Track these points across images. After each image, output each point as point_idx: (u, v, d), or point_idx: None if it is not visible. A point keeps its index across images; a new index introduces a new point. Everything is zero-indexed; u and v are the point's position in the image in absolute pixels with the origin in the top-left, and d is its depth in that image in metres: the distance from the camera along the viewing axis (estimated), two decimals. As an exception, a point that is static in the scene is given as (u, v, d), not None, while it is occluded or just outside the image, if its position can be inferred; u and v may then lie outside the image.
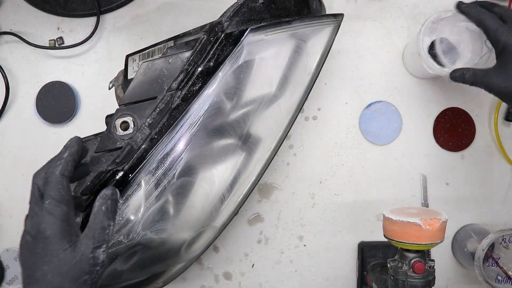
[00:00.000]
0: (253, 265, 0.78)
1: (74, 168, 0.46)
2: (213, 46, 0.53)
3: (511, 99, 0.58)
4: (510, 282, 0.69)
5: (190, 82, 0.53)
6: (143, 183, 0.54)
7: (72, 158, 0.45)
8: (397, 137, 0.78)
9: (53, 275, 0.41)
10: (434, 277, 0.58)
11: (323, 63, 0.62)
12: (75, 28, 0.78)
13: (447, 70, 0.67)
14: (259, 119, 0.57)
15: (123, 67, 0.62)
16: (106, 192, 0.45)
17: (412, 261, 0.58)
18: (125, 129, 0.54)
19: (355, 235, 0.78)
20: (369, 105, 0.78)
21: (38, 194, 0.43)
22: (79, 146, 0.46)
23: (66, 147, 0.45)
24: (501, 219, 0.78)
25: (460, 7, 0.63)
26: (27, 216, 0.44)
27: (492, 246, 0.70)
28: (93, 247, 0.42)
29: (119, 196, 0.46)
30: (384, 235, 0.60)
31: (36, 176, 0.44)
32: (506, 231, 0.68)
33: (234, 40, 0.54)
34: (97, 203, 0.44)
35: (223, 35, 0.53)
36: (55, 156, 0.46)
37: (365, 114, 0.78)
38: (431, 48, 0.68)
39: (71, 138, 0.47)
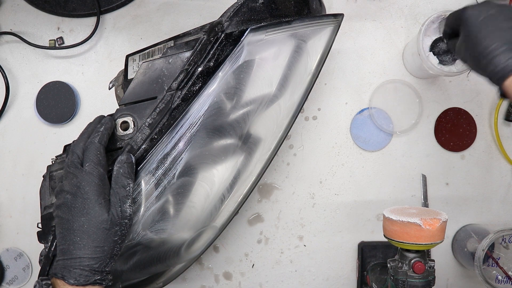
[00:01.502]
0: (253, 265, 0.78)
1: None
2: (213, 46, 0.53)
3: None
4: (510, 282, 0.69)
5: (190, 82, 0.53)
6: (143, 183, 0.54)
7: (107, 132, 0.53)
8: (397, 137, 0.78)
9: (89, 225, 0.48)
10: (434, 277, 0.58)
11: (323, 63, 0.62)
12: (75, 28, 0.78)
13: (447, 70, 0.67)
14: (259, 119, 0.57)
15: (123, 67, 0.62)
16: (122, 157, 0.51)
17: (412, 261, 0.58)
18: (125, 129, 0.55)
19: (355, 235, 0.78)
20: (362, 110, 0.78)
21: (78, 161, 0.50)
22: (112, 124, 0.54)
23: (101, 124, 0.53)
24: (501, 219, 0.78)
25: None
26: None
27: (492, 246, 0.70)
28: (119, 203, 0.49)
29: (134, 160, 0.52)
30: (384, 235, 0.60)
31: (75, 146, 0.51)
32: (506, 231, 0.68)
33: (234, 40, 0.54)
34: (115, 168, 0.51)
35: (223, 35, 0.53)
36: (89, 129, 0.53)
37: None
38: (431, 48, 0.68)
39: (105, 117, 0.55)
